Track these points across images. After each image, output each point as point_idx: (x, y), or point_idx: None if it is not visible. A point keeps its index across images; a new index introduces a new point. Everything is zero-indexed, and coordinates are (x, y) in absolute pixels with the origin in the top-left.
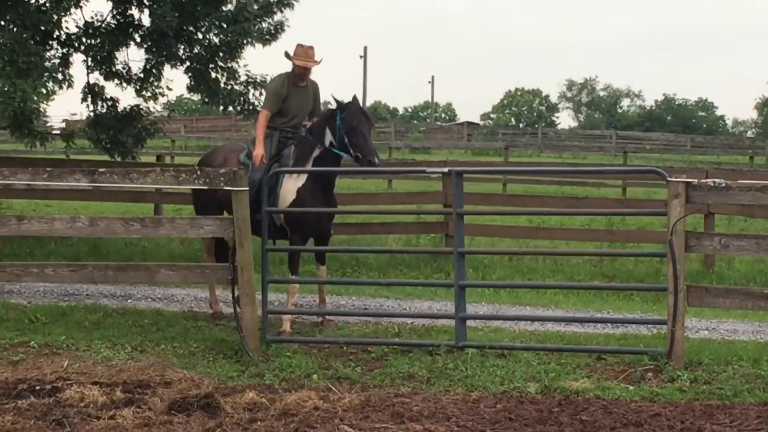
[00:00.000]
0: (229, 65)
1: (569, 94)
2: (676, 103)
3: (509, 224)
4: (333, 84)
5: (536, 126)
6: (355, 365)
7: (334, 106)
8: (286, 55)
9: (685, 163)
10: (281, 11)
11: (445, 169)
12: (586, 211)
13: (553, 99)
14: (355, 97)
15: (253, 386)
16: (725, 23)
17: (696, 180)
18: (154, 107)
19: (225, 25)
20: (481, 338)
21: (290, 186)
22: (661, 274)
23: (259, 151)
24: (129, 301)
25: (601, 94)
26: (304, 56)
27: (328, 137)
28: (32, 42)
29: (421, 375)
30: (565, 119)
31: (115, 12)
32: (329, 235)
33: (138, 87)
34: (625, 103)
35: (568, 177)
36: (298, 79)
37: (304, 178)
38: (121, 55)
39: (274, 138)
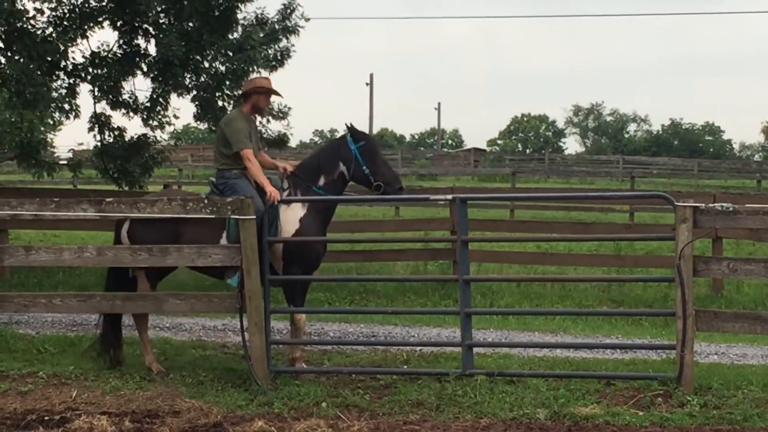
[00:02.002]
0: (236, 93)
1: (576, 120)
2: (683, 127)
3: (517, 250)
4: (340, 111)
5: (543, 152)
6: (363, 393)
7: (338, 134)
8: (248, 92)
9: (693, 188)
10: (287, 38)
11: (450, 196)
12: (593, 237)
13: (560, 124)
14: (353, 126)
15: (261, 415)
16: (731, 48)
17: (703, 204)
18: (161, 136)
19: (231, 54)
20: (490, 365)
21: (290, 217)
22: (670, 298)
23: (270, 189)
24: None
25: (608, 119)
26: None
27: (340, 168)
28: (39, 72)
29: (430, 402)
30: (572, 145)
31: (121, 42)
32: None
33: (145, 116)
34: (632, 127)
35: (575, 203)
36: (256, 113)
37: (305, 208)
38: (127, 85)
39: (249, 177)
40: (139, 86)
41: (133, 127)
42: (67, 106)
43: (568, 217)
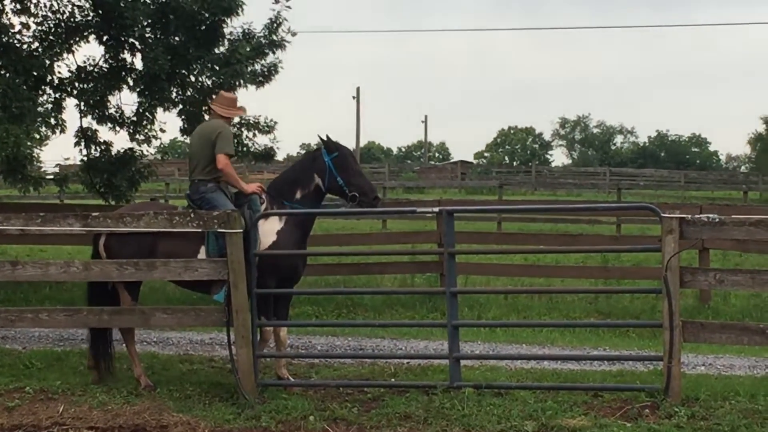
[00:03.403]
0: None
1: (562, 132)
2: (670, 139)
3: (504, 262)
4: (327, 125)
5: (530, 164)
6: (351, 406)
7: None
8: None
9: (679, 199)
10: (273, 53)
11: (437, 209)
12: (580, 249)
13: (547, 137)
14: (328, 137)
15: (249, 429)
16: (718, 60)
17: (690, 215)
18: (147, 150)
19: (217, 68)
20: (477, 377)
21: (267, 229)
22: (657, 310)
23: (251, 187)
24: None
25: (595, 131)
26: (232, 105)
27: (315, 180)
28: (25, 87)
29: (417, 415)
30: (559, 157)
31: (107, 56)
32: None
33: (131, 130)
34: (619, 139)
35: (562, 215)
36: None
37: (283, 220)
38: (114, 99)
39: (224, 187)
40: (126, 100)
41: (120, 141)
42: (53, 121)
43: (555, 229)
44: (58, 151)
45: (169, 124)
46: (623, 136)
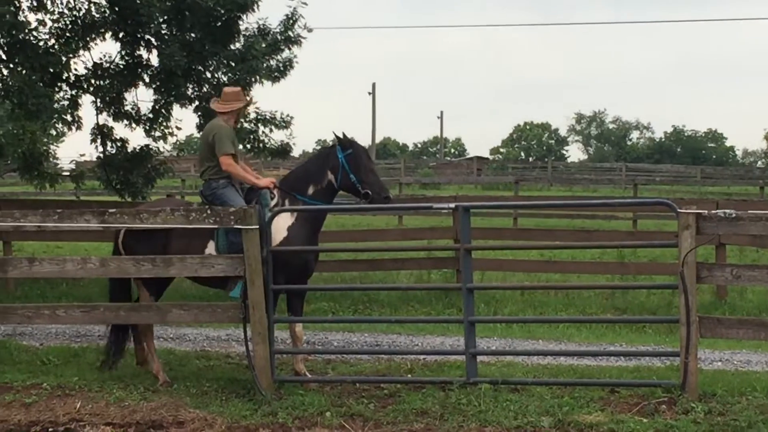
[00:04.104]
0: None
1: (578, 128)
2: (686, 134)
3: (520, 258)
4: (343, 121)
5: (546, 160)
6: (368, 402)
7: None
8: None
9: (696, 195)
10: (289, 49)
11: (452, 205)
12: (596, 244)
13: (563, 132)
14: (344, 134)
15: (266, 425)
16: (734, 54)
17: (706, 211)
18: (163, 147)
19: (233, 64)
20: (494, 373)
21: (278, 225)
22: (673, 305)
23: (263, 182)
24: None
25: (611, 126)
26: (233, 98)
27: (328, 177)
28: (41, 84)
29: (434, 411)
30: (575, 152)
31: (123, 53)
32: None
33: (147, 127)
34: (635, 135)
35: (578, 210)
36: (233, 123)
37: (294, 216)
38: (130, 96)
39: (235, 183)
40: (142, 97)
41: (136, 138)
42: (69, 118)
43: (571, 224)
44: (74, 148)
45: (185, 120)
46: (639, 131)
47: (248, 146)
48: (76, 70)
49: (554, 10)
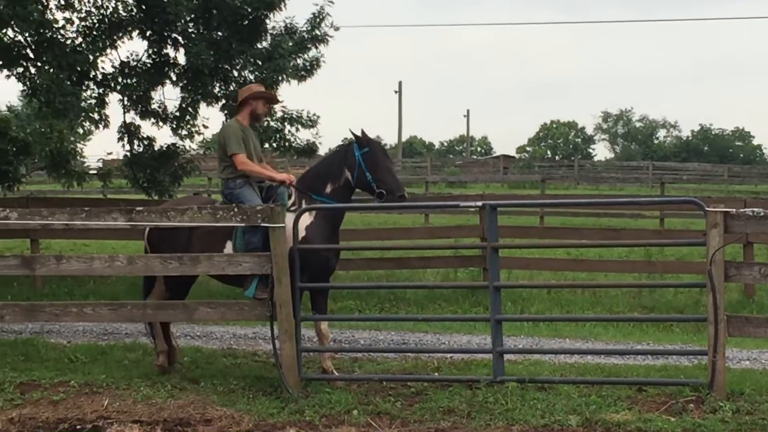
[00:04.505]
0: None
1: (605, 126)
2: (713, 133)
3: (547, 257)
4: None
5: (572, 158)
6: (395, 400)
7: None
8: (245, 99)
9: (723, 193)
10: (316, 47)
11: (480, 203)
12: (624, 243)
13: (589, 131)
14: (363, 132)
15: (293, 423)
16: (761, 52)
17: (734, 209)
18: (190, 146)
19: (260, 63)
20: (521, 371)
21: (297, 223)
22: (701, 304)
23: (282, 176)
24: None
25: (637, 125)
26: (245, 93)
27: (345, 175)
28: (68, 82)
29: (461, 409)
30: (602, 151)
31: (150, 51)
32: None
33: (174, 125)
34: (662, 133)
35: (605, 209)
36: (254, 120)
37: (312, 215)
38: (156, 94)
39: (252, 182)
40: (169, 95)
41: (163, 136)
42: (96, 116)
43: (598, 223)
44: (101, 146)
45: (211, 119)
46: (666, 130)
47: (274, 145)
48: (103, 68)
49: (582, 8)
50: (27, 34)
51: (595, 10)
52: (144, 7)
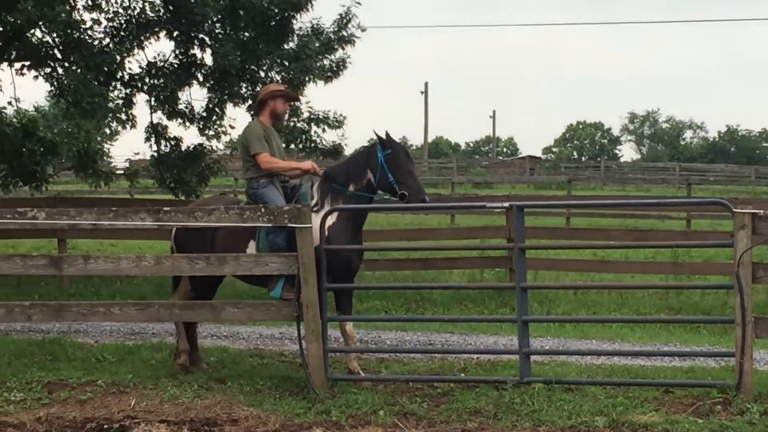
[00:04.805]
0: (292, 102)
1: (631, 127)
2: (740, 134)
3: (573, 258)
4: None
5: (599, 159)
6: (421, 401)
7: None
8: (264, 99)
9: (750, 194)
10: (342, 48)
11: (506, 204)
12: (650, 244)
13: (615, 132)
14: (387, 134)
15: (319, 423)
16: None
17: (762, 211)
18: (217, 146)
19: (287, 63)
20: (547, 372)
21: (318, 223)
22: (728, 306)
23: (306, 165)
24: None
25: (664, 126)
26: (283, 92)
27: (368, 176)
28: (96, 83)
29: (487, 410)
30: (628, 152)
31: (177, 52)
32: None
33: (201, 126)
34: (688, 134)
35: (631, 210)
36: (275, 119)
37: (334, 215)
38: (183, 95)
39: (276, 182)
40: (196, 96)
41: (190, 136)
42: (123, 116)
43: (624, 224)
44: (127, 147)
45: (238, 119)
46: (693, 131)
47: (300, 146)
48: (130, 68)
49: (608, 8)
50: (55, 35)
51: (621, 11)
52: (171, 7)
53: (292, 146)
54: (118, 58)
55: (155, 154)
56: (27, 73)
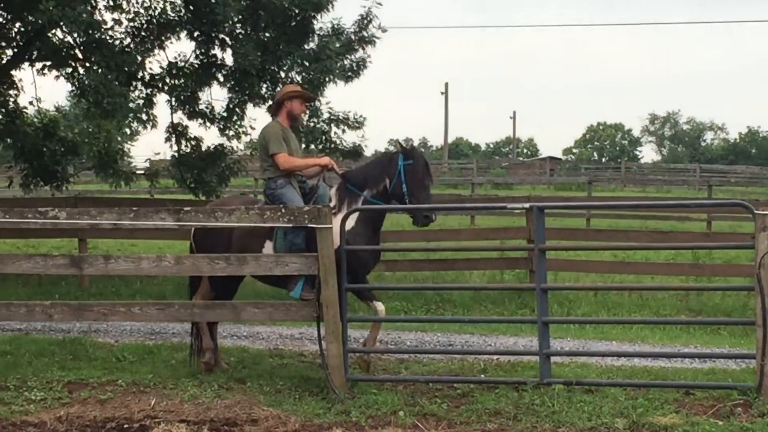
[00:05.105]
0: (311, 103)
1: (652, 128)
2: (761, 135)
3: (593, 259)
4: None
5: (619, 160)
6: (441, 402)
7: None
8: (281, 100)
9: None
10: (363, 48)
11: (527, 205)
12: (671, 245)
13: (636, 133)
14: (413, 145)
15: (339, 423)
16: None
17: None
18: (237, 146)
19: (307, 63)
20: (567, 374)
21: (338, 226)
22: (749, 307)
23: (324, 161)
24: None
25: (685, 127)
26: (300, 92)
27: (384, 182)
28: (117, 83)
29: (507, 411)
30: (648, 153)
31: (198, 52)
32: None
33: (221, 126)
34: (709, 136)
35: (652, 211)
36: (291, 120)
37: (353, 219)
38: (204, 95)
39: (294, 182)
40: (216, 96)
41: (210, 137)
42: (144, 116)
43: (645, 225)
44: (148, 147)
45: (258, 119)
46: (713, 132)
47: (320, 146)
48: (151, 69)
49: (628, 9)
50: (76, 35)
51: (642, 12)
52: (192, 7)
53: (312, 147)
54: (139, 58)
55: (176, 154)
56: (48, 73)
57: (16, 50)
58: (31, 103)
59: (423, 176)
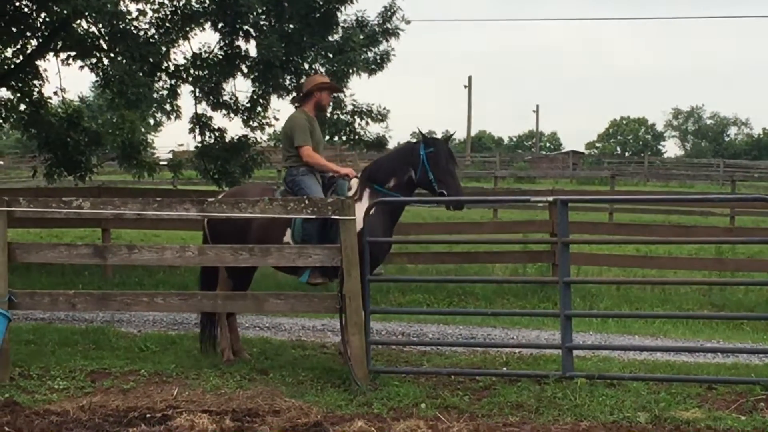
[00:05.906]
0: (336, 95)
1: (675, 123)
2: None
3: (616, 253)
4: (438, 113)
5: (642, 155)
6: (463, 394)
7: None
8: (310, 90)
9: None
10: (387, 41)
11: (550, 198)
12: (694, 240)
13: (659, 127)
14: (435, 135)
15: (361, 415)
16: None
17: None
18: (261, 137)
19: (331, 55)
20: (590, 367)
21: (356, 215)
22: None
23: (344, 170)
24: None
25: (708, 122)
26: (330, 84)
27: (409, 172)
28: (141, 74)
29: (529, 404)
30: (672, 148)
31: (222, 43)
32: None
33: (245, 117)
34: (733, 131)
35: (675, 205)
36: (318, 110)
37: (372, 209)
38: (228, 86)
39: (315, 172)
40: (240, 87)
41: (234, 128)
42: (168, 107)
43: (668, 220)
44: (172, 137)
45: (282, 111)
46: (737, 127)
47: (344, 138)
48: (175, 59)
49: (652, 3)
50: (101, 26)
51: (667, 6)
52: None
53: (336, 138)
54: (164, 49)
55: (199, 145)
56: (73, 64)
57: (40, 40)
58: (55, 93)
59: (447, 162)
